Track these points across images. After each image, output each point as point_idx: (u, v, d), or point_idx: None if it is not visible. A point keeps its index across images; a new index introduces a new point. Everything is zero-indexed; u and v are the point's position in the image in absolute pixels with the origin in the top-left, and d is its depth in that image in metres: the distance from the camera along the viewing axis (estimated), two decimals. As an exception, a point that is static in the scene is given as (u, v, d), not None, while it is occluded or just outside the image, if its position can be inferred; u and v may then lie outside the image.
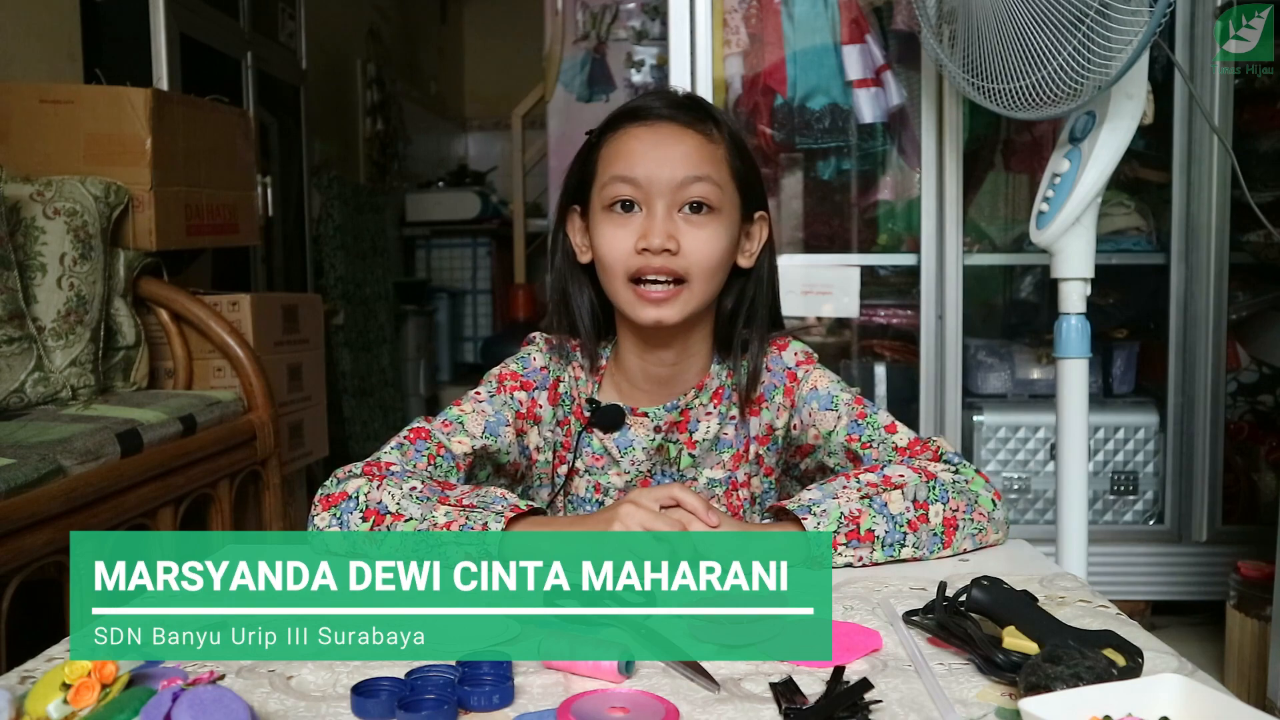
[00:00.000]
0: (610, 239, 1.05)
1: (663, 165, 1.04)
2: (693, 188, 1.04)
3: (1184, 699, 0.59)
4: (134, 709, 0.59)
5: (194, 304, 2.31)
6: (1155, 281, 2.44)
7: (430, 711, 0.61)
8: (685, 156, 1.05)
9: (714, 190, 1.05)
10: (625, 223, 1.05)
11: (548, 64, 3.18)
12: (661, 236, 1.02)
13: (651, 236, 1.02)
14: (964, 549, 0.99)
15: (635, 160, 1.05)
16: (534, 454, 1.16)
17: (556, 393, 1.15)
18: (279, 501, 2.33)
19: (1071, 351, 1.66)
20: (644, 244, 1.03)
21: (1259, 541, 2.17)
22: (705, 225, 1.05)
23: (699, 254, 1.04)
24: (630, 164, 1.05)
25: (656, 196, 1.04)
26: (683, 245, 1.03)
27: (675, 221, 1.04)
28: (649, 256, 1.03)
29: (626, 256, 1.04)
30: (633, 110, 1.09)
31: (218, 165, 2.52)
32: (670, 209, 1.04)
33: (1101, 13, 1.42)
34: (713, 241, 1.05)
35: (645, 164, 1.04)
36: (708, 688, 0.67)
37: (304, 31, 3.76)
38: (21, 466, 1.51)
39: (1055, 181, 1.63)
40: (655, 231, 1.02)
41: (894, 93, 2.44)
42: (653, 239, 1.02)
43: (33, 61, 2.48)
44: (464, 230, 5.54)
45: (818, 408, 1.13)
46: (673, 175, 1.04)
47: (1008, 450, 2.42)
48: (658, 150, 1.05)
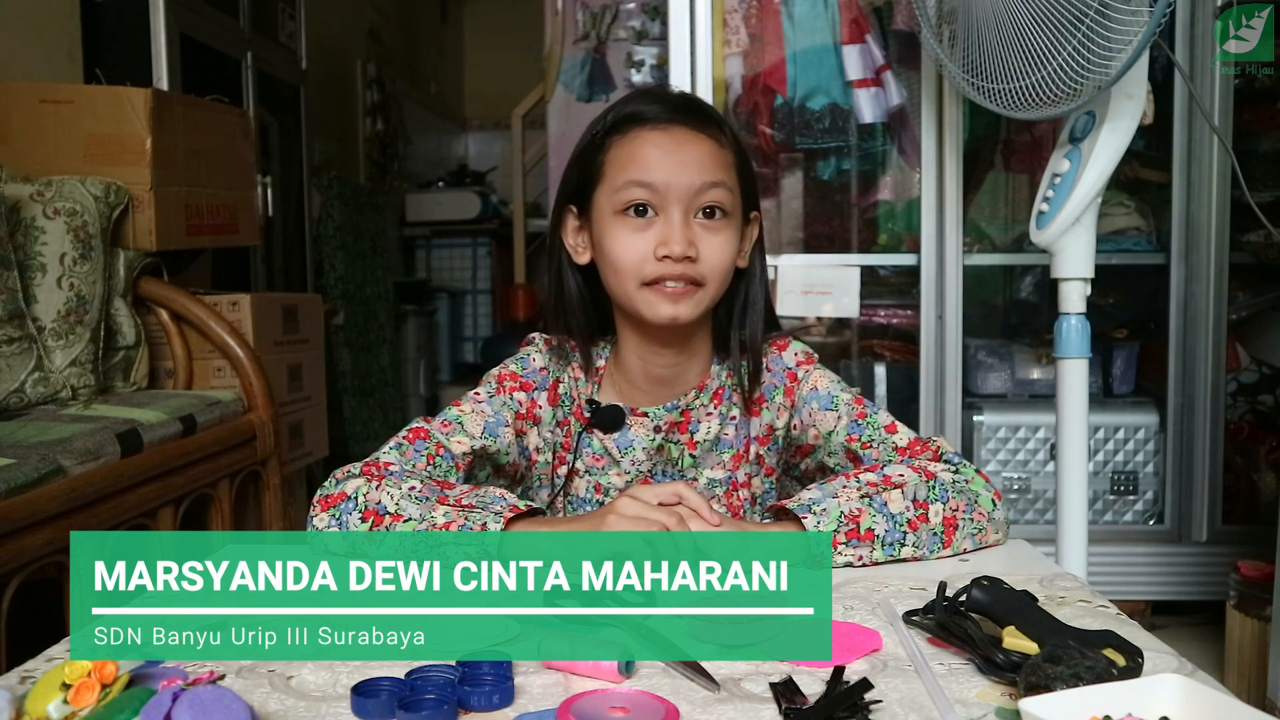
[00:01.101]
0: (625, 244, 1.04)
1: (680, 171, 1.03)
2: (710, 193, 1.04)
3: (1184, 699, 0.59)
4: (134, 709, 0.59)
5: (194, 304, 2.31)
6: (1155, 281, 2.44)
7: (430, 711, 0.61)
8: (701, 161, 1.04)
9: (727, 195, 1.05)
10: (641, 228, 1.04)
11: (548, 64, 3.18)
12: (683, 244, 1.02)
13: (673, 244, 1.02)
14: (964, 549, 0.99)
15: (651, 165, 1.04)
16: (534, 454, 1.16)
17: (556, 393, 1.15)
18: (279, 501, 2.33)
19: (1071, 351, 1.66)
20: (665, 251, 1.02)
21: (1259, 541, 2.17)
22: (720, 230, 1.05)
23: (715, 259, 1.04)
24: (646, 168, 1.04)
25: (674, 202, 1.03)
26: (700, 252, 1.03)
27: (692, 227, 1.04)
28: (669, 264, 1.02)
29: (643, 262, 1.03)
30: (638, 113, 1.07)
31: (218, 165, 2.52)
32: (687, 214, 1.04)
33: (1101, 13, 1.42)
34: (726, 245, 1.06)
35: (662, 169, 1.03)
36: (708, 688, 0.67)
37: (304, 31, 3.76)
38: (21, 466, 1.51)
39: (1055, 181, 1.63)
40: (676, 239, 1.02)
41: (894, 93, 2.43)
42: (674, 246, 1.02)
43: (33, 61, 2.48)
44: (464, 230, 5.54)
45: (818, 408, 1.13)
46: (690, 181, 1.03)
47: (1008, 450, 2.42)
48: (674, 155, 1.04)
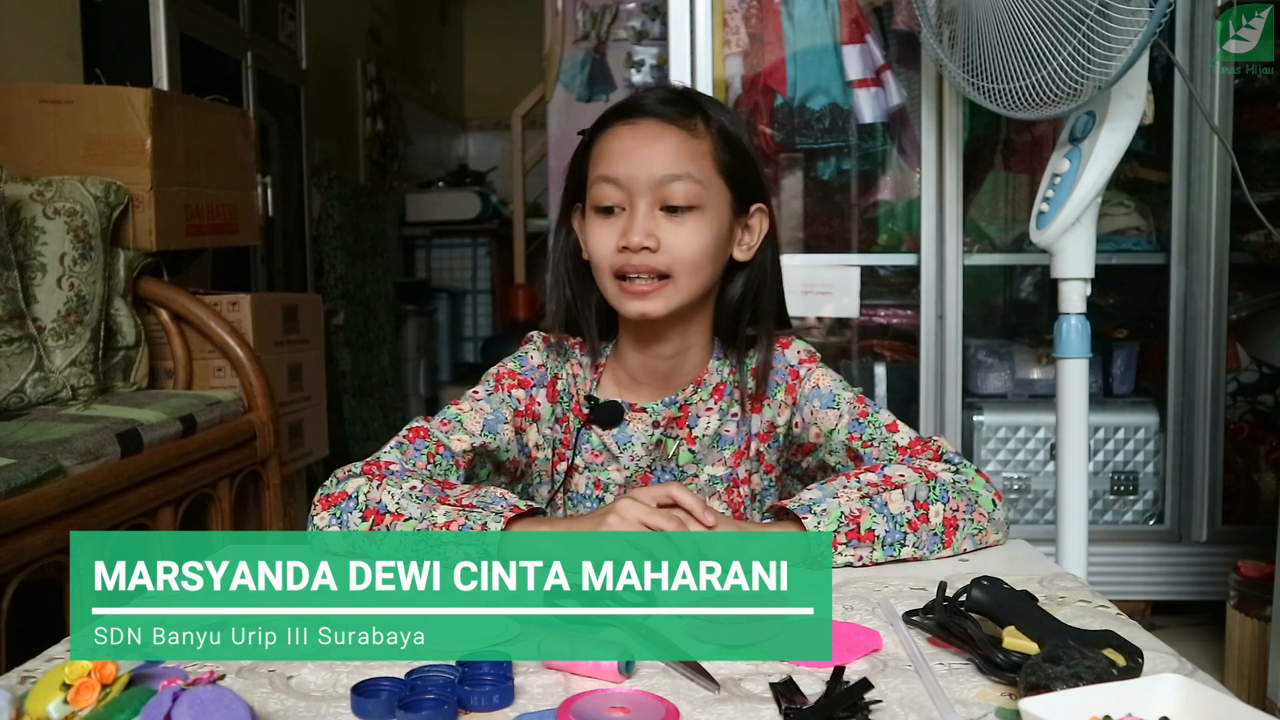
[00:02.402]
0: (596, 237, 1.07)
1: (641, 164, 1.05)
2: (671, 186, 1.05)
3: (1184, 699, 0.59)
4: (134, 709, 0.59)
5: (194, 304, 2.31)
6: (1155, 281, 2.44)
7: (430, 711, 0.61)
8: (664, 155, 1.05)
9: (694, 187, 1.06)
10: (610, 222, 1.06)
11: (548, 64, 3.18)
12: (640, 235, 1.04)
13: (630, 235, 1.04)
14: (964, 549, 0.99)
15: (617, 160, 1.06)
16: (533, 451, 1.16)
17: (555, 390, 1.16)
18: (279, 501, 2.33)
19: (1071, 351, 1.66)
20: (624, 242, 1.04)
21: (1259, 541, 2.17)
22: (686, 222, 1.06)
23: (680, 250, 1.05)
24: (612, 164, 1.06)
25: (638, 195, 1.05)
26: (664, 242, 1.04)
27: (656, 219, 1.05)
28: (629, 255, 1.04)
29: (610, 255, 1.06)
30: (621, 108, 1.10)
31: (218, 165, 2.52)
32: (651, 207, 1.05)
33: (1101, 13, 1.42)
34: (695, 238, 1.06)
35: (626, 163, 1.05)
36: (708, 688, 0.67)
37: (304, 31, 3.76)
38: (21, 466, 1.51)
39: (1055, 181, 1.63)
40: (634, 230, 1.04)
41: (894, 93, 2.43)
42: (631, 237, 1.04)
43: (33, 61, 2.48)
44: (464, 230, 5.54)
45: (819, 406, 1.13)
46: (651, 174, 1.05)
47: (1008, 450, 2.42)
48: (638, 149, 1.06)
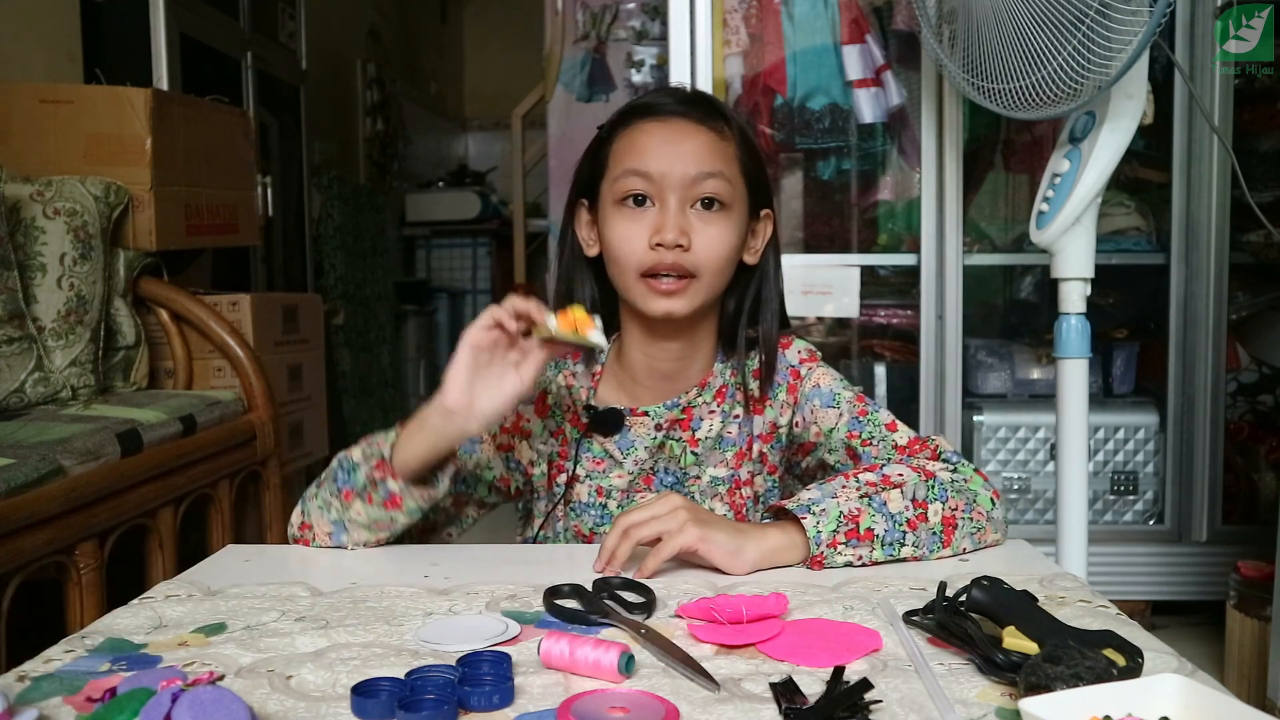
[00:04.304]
0: (622, 232, 1.06)
1: (676, 161, 1.04)
2: (705, 184, 1.04)
3: (1184, 699, 0.59)
4: (134, 709, 0.59)
5: (194, 304, 2.31)
6: (1155, 281, 2.44)
7: (430, 711, 0.61)
8: (698, 152, 1.05)
9: (725, 186, 1.05)
10: (638, 217, 1.05)
11: (548, 64, 3.18)
12: (675, 232, 1.02)
13: (665, 231, 1.02)
14: (963, 548, 0.99)
15: (648, 155, 1.05)
16: (528, 469, 1.16)
17: (545, 405, 1.15)
18: (279, 501, 2.33)
19: (1071, 351, 1.66)
20: (658, 238, 1.03)
21: (1259, 541, 2.17)
22: (716, 221, 1.05)
23: (709, 250, 1.05)
24: (643, 158, 1.05)
25: (669, 191, 1.04)
26: (694, 242, 1.04)
27: (688, 217, 1.04)
28: (662, 252, 1.03)
29: (639, 251, 1.04)
30: (644, 105, 1.09)
31: (218, 165, 2.52)
32: (683, 204, 1.04)
33: (1101, 13, 1.42)
34: (723, 238, 1.06)
35: (659, 159, 1.04)
36: (708, 688, 0.67)
37: (304, 31, 3.76)
38: (21, 466, 1.51)
39: (1055, 181, 1.63)
40: (669, 226, 1.03)
41: (894, 93, 2.43)
42: (666, 234, 1.02)
43: (33, 61, 2.48)
44: (464, 230, 5.55)
45: (819, 405, 1.13)
46: (686, 171, 1.04)
47: (1008, 450, 2.42)
48: (671, 145, 1.05)
